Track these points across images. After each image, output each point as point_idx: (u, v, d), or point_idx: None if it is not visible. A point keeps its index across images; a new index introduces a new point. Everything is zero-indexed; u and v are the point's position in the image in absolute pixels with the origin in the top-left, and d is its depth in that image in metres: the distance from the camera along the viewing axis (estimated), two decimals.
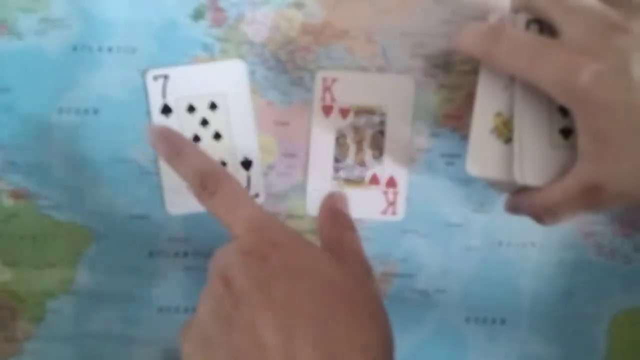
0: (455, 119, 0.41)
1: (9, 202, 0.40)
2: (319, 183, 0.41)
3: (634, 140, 0.31)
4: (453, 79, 0.41)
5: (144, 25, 0.39)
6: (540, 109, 0.36)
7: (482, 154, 0.37)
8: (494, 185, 0.39)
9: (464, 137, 0.41)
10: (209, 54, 0.40)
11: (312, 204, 0.41)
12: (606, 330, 0.42)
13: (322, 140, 0.41)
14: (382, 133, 0.41)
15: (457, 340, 0.42)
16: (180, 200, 0.40)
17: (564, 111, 0.35)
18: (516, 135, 0.36)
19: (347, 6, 0.40)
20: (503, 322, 0.42)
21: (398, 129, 0.41)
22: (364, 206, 0.41)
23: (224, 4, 0.40)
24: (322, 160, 0.41)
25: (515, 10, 0.36)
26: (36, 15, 0.39)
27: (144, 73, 0.39)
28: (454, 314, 0.42)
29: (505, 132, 0.36)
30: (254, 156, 0.40)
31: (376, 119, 0.41)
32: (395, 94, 0.40)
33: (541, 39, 0.34)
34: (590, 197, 0.32)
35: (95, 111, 0.40)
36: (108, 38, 0.39)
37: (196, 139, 0.40)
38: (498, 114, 0.37)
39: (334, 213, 0.37)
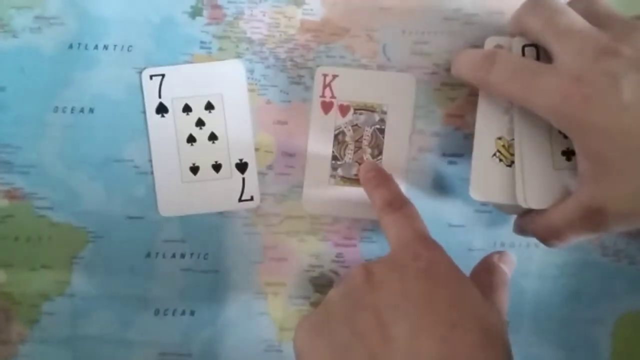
0: (457, 118, 0.41)
1: (3, 202, 0.40)
2: (316, 181, 0.40)
3: (631, 162, 0.31)
4: (455, 78, 0.40)
5: (140, 22, 0.39)
6: (540, 132, 0.36)
7: (485, 179, 0.37)
8: (500, 208, 0.39)
9: (466, 136, 0.41)
10: (207, 51, 0.39)
11: (309, 201, 0.41)
12: (610, 332, 0.42)
13: (320, 138, 0.40)
14: (381, 131, 0.40)
15: None
16: (173, 202, 0.40)
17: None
18: (517, 159, 0.36)
19: (347, 4, 0.40)
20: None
21: (398, 128, 0.40)
22: (361, 206, 0.40)
23: (221, 1, 0.39)
24: (320, 157, 0.40)
25: (512, 35, 0.36)
26: (31, 13, 0.39)
27: (140, 71, 0.39)
28: None
29: (507, 155, 0.37)
30: (250, 158, 0.40)
31: (376, 117, 0.40)
32: (396, 92, 0.40)
33: (534, 64, 0.34)
34: (593, 220, 0.33)
35: (91, 110, 0.40)
36: (104, 36, 0.39)
37: (191, 139, 0.40)
38: (499, 138, 0.37)
39: (494, 267, 0.36)
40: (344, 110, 0.40)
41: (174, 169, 0.40)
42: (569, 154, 0.35)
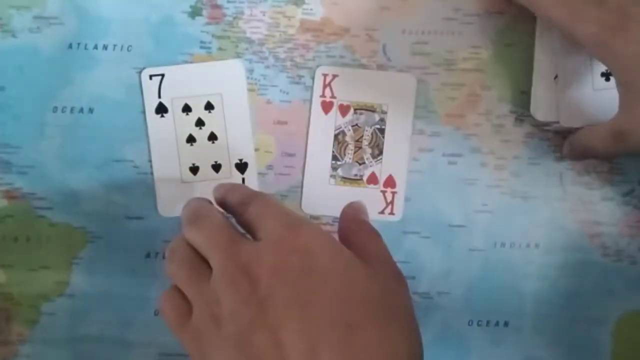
0: (457, 118, 0.41)
1: (2, 202, 0.40)
2: (316, 181, 0.40)
3: None
4: (455, 78, 0.40)
5: (140, 22, 0.39)
6: (581, 54, 0.38)
7: (546, 100, 0.39)
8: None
9: (467, 136, 0.41)
10: (207, 51, 0.39)
11: (308, 202, 0.41)
12: (611, 332, 0.42)
13: (320, 137, 0.40)
14: (381, 131, 0.40)
15: (460, 344, 0.41)
16: (172, 203, 0.40)
17: None
18: (560, 79, 0.38)
19: (347, 3, 0.40)
20: (506, 324, 0.41)
21: (398, 128, 0.40)
22: None
23: (221, 0, 0.39)
24: (320, 157, 0.40)
25: None
26: (31, 13, 0.39)
27: (139, 71, 0.39)
28: (457, 317, 0.41)
29: None
30: (250, 158, 0.40)
31: (376, 116, 0.40)
32: (397, 91, 0.40)
33: None
34: (618, 142, 0.35)
35: (91, 110, 0.39)
36: (103, 36, 0.39)
37: (191, 139, 0.40)
38: None
39: (358, 222, 0.35)
40: (344, 110, 0.40)
41: (174, 169, 0.40)
42: (607, 75, 0.38)
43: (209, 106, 0.40)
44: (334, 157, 0.40)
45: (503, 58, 0.41)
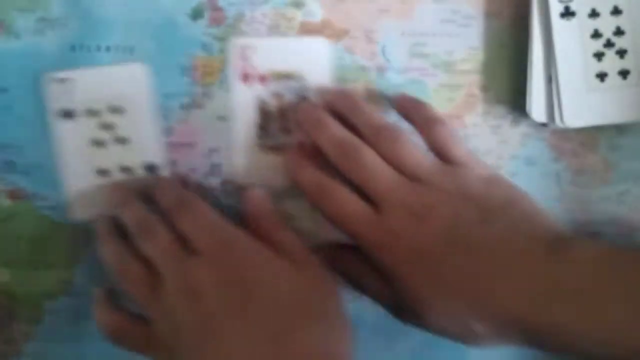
0: (455, 119, 0.41)
1: (6, 202, 0.40)
2: (244, 151, 0.40)
3: None
4: (453, 79, 0.41)
5: (142, 24, 0.39)
6: (575, 54, 0.39)
7: (542, 101, 0.40)
8: None
9: (465, 137, 0.41)
10: (208, 53, 0.39)
11: (238, 172, 0.40)
12: None
13: (243, 109, 0.40)
14: (304, 99, 0.40)
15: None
16: (81, 206, 0.40)
17: (598, 57, 0.39)
18: (555, 81, 0.39)
19: (346, 5, 0.40)
20: None
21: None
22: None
23: (222, 3, 0.39)
24: (245, 128, 0.40)
25: None
26: (34, 15, 0.39)
27: (46, 76, 0.38)
28: None
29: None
30: (159, 160, 0.40)
31: (295, 84, 0.40)
32: (311, 58, 0.40)
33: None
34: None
35: None
36: (106, 37, 0.39)
37: (99, 143, 0.39)
38: None
39: (263, 215, 0.37)
40: (263, 80, 0.39)
41: (83, 172, 0.39)
42: (602, 76, 0.39)
43: (115, 110, 0.39)
44: (260, 127, 0.40)
45: (500, 59, 0.41)
